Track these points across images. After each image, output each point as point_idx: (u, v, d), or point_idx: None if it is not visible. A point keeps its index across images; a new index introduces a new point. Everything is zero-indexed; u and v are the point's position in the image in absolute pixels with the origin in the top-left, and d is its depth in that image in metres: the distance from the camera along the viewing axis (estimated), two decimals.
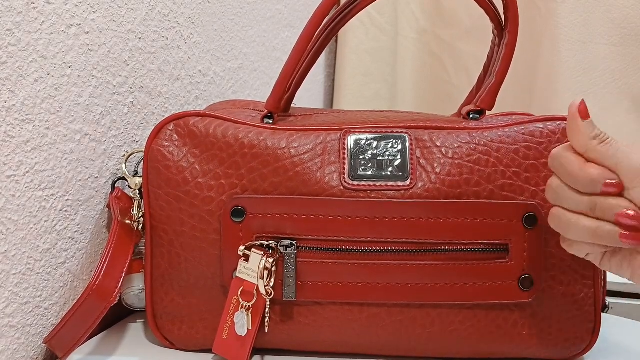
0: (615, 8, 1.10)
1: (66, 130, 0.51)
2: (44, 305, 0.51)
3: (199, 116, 0.52)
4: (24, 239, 0.48)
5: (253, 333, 0.49)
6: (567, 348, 0.52)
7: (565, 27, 1.10)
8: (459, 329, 0.50)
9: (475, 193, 0.49)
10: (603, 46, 1.11)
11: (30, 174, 0.47)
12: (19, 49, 0.45)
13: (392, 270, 0.49)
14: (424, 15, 1.23)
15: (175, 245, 0.51)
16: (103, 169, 0.56)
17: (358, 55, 1.24)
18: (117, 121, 0.58)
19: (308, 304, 0.50)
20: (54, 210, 0.51)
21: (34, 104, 0.47)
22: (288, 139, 0.51)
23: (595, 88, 1.12)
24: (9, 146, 0.45)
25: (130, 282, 0.56)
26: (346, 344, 0.52)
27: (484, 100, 0.54)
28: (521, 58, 0.66)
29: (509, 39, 0.54)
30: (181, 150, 0.51)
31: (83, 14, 0.52)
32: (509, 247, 0.49)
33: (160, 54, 0.64)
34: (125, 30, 0.58)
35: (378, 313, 0.50)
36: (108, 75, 0.56)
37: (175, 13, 0.67)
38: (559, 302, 0.51)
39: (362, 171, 0.50)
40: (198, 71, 0.73)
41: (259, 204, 0.49)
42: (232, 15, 0.81)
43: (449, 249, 0.49)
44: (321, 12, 0.53)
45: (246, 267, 0.49)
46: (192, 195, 0.51)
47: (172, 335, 0.53)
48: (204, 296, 0.52)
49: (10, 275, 0.47)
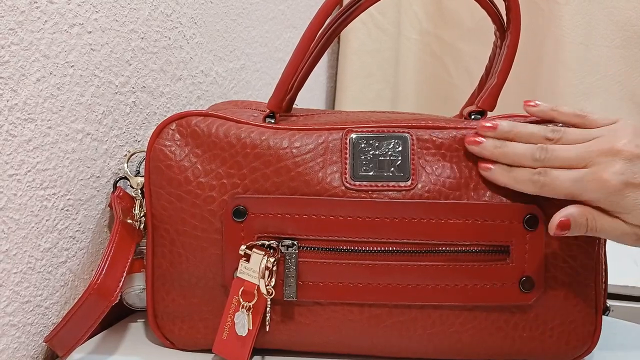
0: (617, 10, 1.10)
1: (68, 129, 0.51)
2: (44, 304, 0.51)
3: (201, 116, 0.52)
4: (25, 238, 0.48)
5: (253, 333, 0.49)
6: (568, 350, 0.52)
7: (568, 29, 1.10)
8: (460, 330, 0.50)
9: (476, 194, 0.49)
10: (605, 48, 1.11)
11: (31, 173, 0.48)
12: (21, 48, 0.45)
13: (393, 270, 0.49)
14: (426, 16, 1.23)
15: (176, 244, 0.51)
16: (104, 168, 0.56)
17: (360, 56, 1.24)
18: (119, 121, 0.58)
19: (309, 304, 0.50)
20: (55, 209, 0.51)
21: (36, 103, 0.47)
22: (290, 139, 0.51)
23: (597, 90, 1.11)
24: (10, 145, 0.45)
25: (131, 282, 0.56)
26: (347, 345, 0.52)
27: (485, 101, 0.54)
28: (523, 59, 0.66)
29: (511, 40, 0.54)
30: (183, 149, 0.51)
31: (86, 14, 0.52)
32: (510, 249, 0.49)
33: (163, 54, 0.64)
34: (128, 30, 0.58)
35: (379, 314, 0.50)
36: (110, 74, 0.56)
37: (178, 13, 0.67)
38: (560, 304, 0.51)
39: (364, 171, 0.50)
40: (200, 71, 0.73)
41: (261, 204, 0.49)
42: (234, 16, 0.81)
43: (450, 250, 0.49)
44: (323, 13, 0.53)
45: (247, 267, 0.49)
46: (194, 194, 0.51)
47: (172, 335, 0.53)
48: (205, 296, 0.52)
49: (11, 274, 0.47)
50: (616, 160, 0.45)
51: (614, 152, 0.45)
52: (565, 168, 0.47)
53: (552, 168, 0.47)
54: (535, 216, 0.49)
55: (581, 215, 0.46)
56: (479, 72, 0.59)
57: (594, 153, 0.46)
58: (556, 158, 0.47)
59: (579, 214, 0.46)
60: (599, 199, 0.46)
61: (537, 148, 0.48)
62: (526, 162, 0.48)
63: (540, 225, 0.49)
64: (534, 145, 0.48)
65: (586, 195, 0.46)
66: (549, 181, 0.47)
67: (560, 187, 0.47)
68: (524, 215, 0.49)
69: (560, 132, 0.49)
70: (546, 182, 0.47)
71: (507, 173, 0.48)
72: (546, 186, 0.47)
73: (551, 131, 0.49)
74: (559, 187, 0.47)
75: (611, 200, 0.45)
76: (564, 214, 0.46)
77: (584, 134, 0.48)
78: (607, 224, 0.46)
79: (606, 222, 0.46)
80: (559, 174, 0.47)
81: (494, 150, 0.49)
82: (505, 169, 0.48)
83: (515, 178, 0.48)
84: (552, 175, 0.47)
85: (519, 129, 0.49)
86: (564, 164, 0.47)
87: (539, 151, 0.47)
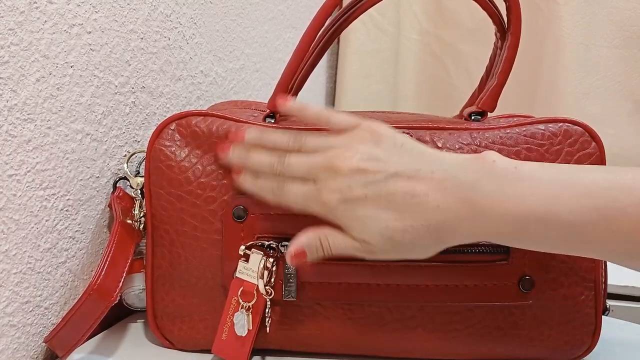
0: (617, 10, 1.10)
1: (67, 129, 0.51)
2: (44, 304, 0.51)
3: (201, 116, 0.52)
4: (24, 238, 0.48)
5: (253, 333, 0.49)
6: (567, 350, 0.52)
7: (568, 29, 1.10)
8: (459, 329, 0.50)
9: None
10: (605, 49, 1.11)
11: (31, 174, 0.48)
12: (21, 49, 0.45)
13: (392, 270, 0.49)
14: (426, 16, 1.23)
15: (176, 245, 0.51)
16: (104, 168, 0.56)
17: (360, 56, 1.24)
18: (119, 121, 0.58)
19: (308, 304, 0.50)
20: (55, 209, 0.51)
21: (36, 104, 0.47)
22: None
23: (597, 90, 1.11)
24: (10, 145, 0.45)
25: (131, 282, 0.56)
26: (346, 345, 0.52)
27: (485, 102, 0.54)
28: (523, 60, 0.66)
29: (511, 41, 0.54)
30: (183, 150, 0.51)
31: (85, 14, 0.52)
32: (510, 249, 0.49)
33: (162, 54, 0.64)
34: (127, 30, 0.58)
35: (378, 313, 0.50)
36: (110, 75, 0.56)
37: (178, 13, 0.67)
38: (560, 304, 0.51)
39: None
40: (200, 71, 0.73)
41: (261, 204, 0.49)
42: (234, 16, 0.81)
43: (450, 250, 0.49)
44: (323, 14, 0.53)
45: (246, 267, 0.49)
46: (194, 195, 0.51)
47: (172, 335, 0.53)
48: (205, 296, 0.52)
49: (10, 275, 0.47)
50: (335, 177, 0.44)
51: (334, 168, 0.44)
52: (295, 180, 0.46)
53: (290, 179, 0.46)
54: None
55: (312, 240, 0.45)
56: (479, 73, 0.59)
57: (319, 169, 0.45)
58: (289, 171, 0.46)
59: (310, 240, 0.45)
60: (324, 215, 0.45)
61: (275, 159, 0.47)
62: (268, 171, 0.47)
63: None
64: (273, 156, 0.47)
65: (314, 210, 0.45)
66: (284, 194, 0.46)
67: (293, 202, 0.46)
68: None
69: (299, 141, 0.47)
70: (282, 194, 0.46)
71: (252, 181, 0.48)
72: (282, 198, 0.47)
73: (292, 140, 0.47)
74: (292, 202, 0.46)
75: (333, 216, 0.45)
76: (296, 244, 0.46)
77: (323, 143, 0.46)
78: (339, 242, 0.45)
79: (338, 240, 0.45)
80: (292, 188, 0.46)
81: (238, 159, 0.49)
82: (252, 177, 0.48)
83: (259, 187, 0.48)
84: (286, 190, 0.46)
85: (265, 138, 0.48)
86: (296, 176, 0.46)
87: (276, 162, 0.47)
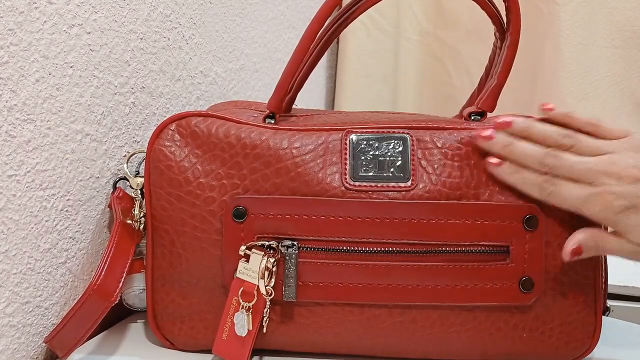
0: (616, 11, 1.10)
1: (67, 130, 0.51)
2: (44, 304, 0.51)
3: (201, 116, 0.52)
4: (24, 239, 0.48)
5: (253, 334, 0.49)
6: (568, 351, 0.52)
7: (567, 29, 1.10)
8: (460, 330, 0.50)
9: (476, 194, 0.49)
10: (605, 49, 1.11)
11: (31, 174, 0.48)
12: (20, 49, 0.45)
13: (392, 271, 0.49)
14: (425, 17, 1.23)
15: (176, 245, 0.51)
16: (104, 169, 0.56)
17: (359, 56, 1.24)
18: (119, 121, 0.58)
19: (308, 305, 0.50)
20: (54, 210, 0.51)
21: (36, 104, 0.47)
22: (290, 139, 0.51)
23: (597, 91, 1.12)
24: (10, 146, 0.45)
25: (131, 282, 0.56)
26: (346, 345, 0.52)
27: (485, 102, 0.54)
28: (523, 60, 0.66)
29: (511, 41, 0.54)
30: (183, 150, 0.51)
31: (85, 14, 0.52)
32: (510, 249, 0.49)
33: (162, 54, 0.64)
34: (127, 31, 0.58)
35: (379, 314, 0.50)
36: (109, 75, 0.56)
37: (177, 14, 0.67)
38: (560, 304, 0.51)
39: (364, 172, 0.50)
40: (199, 72, 0.73)
41: (261, 205, 0.49)
42: (233, 16, 0.81)
43: (450, 250, 0.49)
44: (323, 14, 0.53)
45: (246, 267, 0.49)
46: (194, 195, 0.51)
47: (172, 336, 0.53)
48: (205, 296, 0.52)
49: (10, 275, 0.47)
50: (620, 184, 0.46)
51: (619, 176, 0.46)
52: (569, 179, 0.47)
53: (556, 176, 0.47)
54: (535, 217, 0.49)
55: (590, 240, 0.48)
56: (478, 73, 0.59)
57: (600, 173, 0.47)
58: (564, 167, 0.47)
59: (588, 238, 0.48)
60: (602, 217, 0.47)
61: (548, 153, 0.48)
62: (532, 164, 0.48)
63: (540, 226, 0.49)
64: (543, 150, 0.48)
65: (589, 212, 0.47)
66: (556, 191, 0.47)
67: (565, 200, 0.47)
68: (524, 215, 0.49)
69: (573, 139, 0.48)
70: (554, 192, 0.47)
71: (515, 173, 0.48)
72: (553, 195, 0.48)
73: (565, 136, 0.48)
74: (564, 200, 0.47)
75: (612, 220, 0.47)
76: (575, 241, 0.48)
77: (597, 146, 0.48)
78: (614, 244, 0.47)
79: (613, 242, 0.47)
80: (567, 187, 0.47)
81: (503, 147, 0.49)
82: (514, 169, 0.49)
83: (524, 179, 0.48)
84: (558, 187, 0.47)
85: (534, 129, 0.49)
86: (570, 176, 0.47)
87: (549, 157, 0.48)
